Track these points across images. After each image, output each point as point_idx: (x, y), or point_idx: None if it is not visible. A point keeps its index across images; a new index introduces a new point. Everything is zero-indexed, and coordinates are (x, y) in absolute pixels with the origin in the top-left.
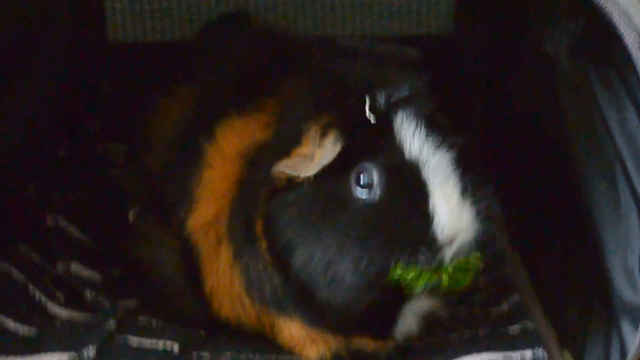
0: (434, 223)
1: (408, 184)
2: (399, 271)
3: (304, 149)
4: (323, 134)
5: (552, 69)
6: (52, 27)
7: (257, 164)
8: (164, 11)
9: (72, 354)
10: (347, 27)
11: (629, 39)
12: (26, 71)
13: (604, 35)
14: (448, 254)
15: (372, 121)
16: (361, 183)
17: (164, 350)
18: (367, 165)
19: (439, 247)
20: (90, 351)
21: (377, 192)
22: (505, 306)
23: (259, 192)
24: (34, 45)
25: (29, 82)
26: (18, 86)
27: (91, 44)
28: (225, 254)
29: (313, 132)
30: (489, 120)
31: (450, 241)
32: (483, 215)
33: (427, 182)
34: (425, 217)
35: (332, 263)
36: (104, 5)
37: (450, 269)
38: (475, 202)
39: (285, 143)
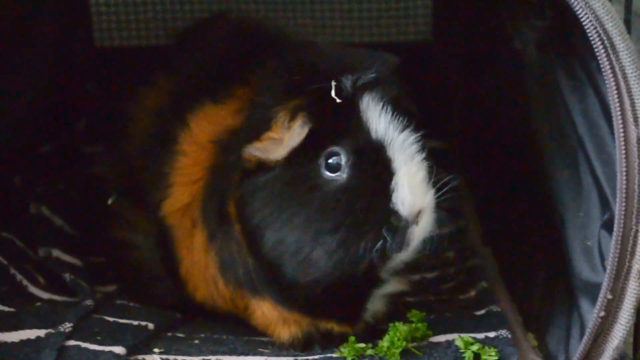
0: (394, 198)
1: (374, 164)
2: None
3: (274, 133)
4: (292, 118)
5: (521, 63)
6: (40, 30)
7: (228, 149)
8: (149, 17)
9: (49, 330)
10: (327, 34)
11: (587, 21)
12: (13, 71)
13: (568, 28)
14: (414, 232)
15: (338, 102)
16: (329, 165)
17: (139, 326)
18: (335, 147)
19: (404, 224)
20: (67, 327)
21: (344, 173)
22: (472, 293)
23: (231, 177)
24: (22, 47)
25: (16, 81)
26: (5, 84)
27: (78, 47)
28: (199, 237)
29: (282, 116)
30: (467, 123)
31: (416, 218)
32: (449, 203)
33: (392, 160)
34: (387, 194)
35: (303, 247)
36: (91, 11)
37: None
38: (441, 187)
39: (255, 128)
